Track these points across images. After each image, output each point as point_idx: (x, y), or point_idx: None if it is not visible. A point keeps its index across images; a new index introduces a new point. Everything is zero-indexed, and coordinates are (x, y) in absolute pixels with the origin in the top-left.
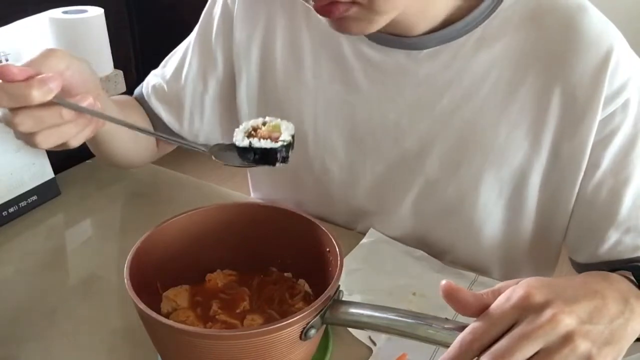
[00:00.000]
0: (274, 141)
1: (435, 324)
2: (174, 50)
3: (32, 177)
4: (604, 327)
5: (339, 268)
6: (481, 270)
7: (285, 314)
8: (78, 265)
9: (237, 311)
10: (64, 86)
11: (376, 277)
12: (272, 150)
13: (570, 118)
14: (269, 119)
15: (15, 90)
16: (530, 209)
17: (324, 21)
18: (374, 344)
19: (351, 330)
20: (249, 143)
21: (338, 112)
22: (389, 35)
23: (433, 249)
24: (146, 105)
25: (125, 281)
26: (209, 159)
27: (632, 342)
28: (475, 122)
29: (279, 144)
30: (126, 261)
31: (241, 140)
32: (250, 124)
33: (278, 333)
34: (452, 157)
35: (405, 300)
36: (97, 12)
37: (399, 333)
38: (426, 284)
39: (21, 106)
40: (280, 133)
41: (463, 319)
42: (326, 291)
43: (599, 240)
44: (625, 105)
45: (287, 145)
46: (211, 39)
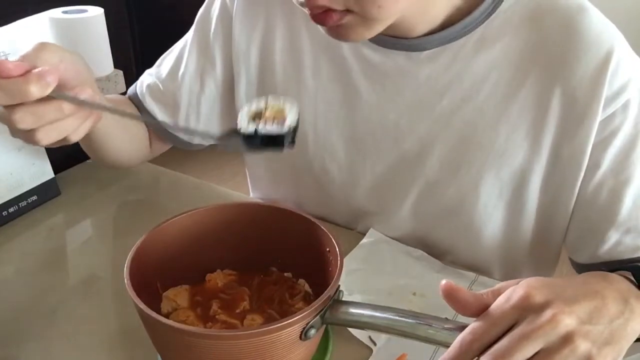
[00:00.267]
0: (279, 124)
1: (435, 324)
2: (169, 50)
3: (32, 177)
4: (603, 327)
5: (339, 268)
6: (481, 271)
7: (285, 314)
8: (78, 265)
9: (237, 311)
10: (59, 80)
11: (376, 277)
12: (279, 136)
13: (570, 119)
14: (271, 100)
15: (12, 86)
16: (530, 209)
17: (321, 28)
18: (374, 344)
19: (351, 330)
20: (255, 130)
21: (338, 113)
22: (388, 37)
23: (433, 249)
24: (141, 105)
25: (125, 281)
26: (209, 158)
27: (632, 342)
28: (475, 123)
29: (285, 129)
30: (126, 261)
31: (247, 127)
32: (253, 107)
33: (278, 333)
34: (452, 158)
35: (405, 300)
36: (97, 12)
37: (399, 333)
38: (426, 284)
39: (19, 103)
40: (285, 115)
41: (463, 319)
42: (326, 291)
43: (599, 240)
44: (626, 106)
45: (294, 128)
46: (209, 39)
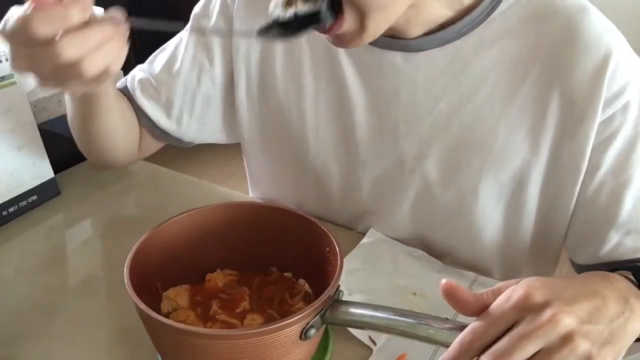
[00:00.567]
0: (312, 3)
1: (435, 324)
2: (161, 48)
3: (32, 177)
4: (603, 327)
5: (339, 268)
6: (481, 271)
7: (285, 314)
8: (78, 265)
9: (237, 311)
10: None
11: (376, 277)
12: (316, 13)
13: (569, 121)
14: None
15: (54, 14)
16: (530, 211)
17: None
18: (374, 343)
19: (351, 330)
20: (294, 13)
21: (338, 114)
22: (385, 38)
23: (433, 250)
24: (131, 98)
25: (125, 281)
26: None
27: (631, 342)
28: (474, 124)
29: (318, 2)
30: (126, 261)
31: (283, 12)
32: None
33: (278, 333)
34: (451, 160)
35: (405, 300)
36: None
37: (399, 333)
38: (426, 284)
39: (60, 30)
40: None
41: (463, 318)
42: (326, 291)
43: (599, 242)
44: (625, 108)
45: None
46: (207, 40)
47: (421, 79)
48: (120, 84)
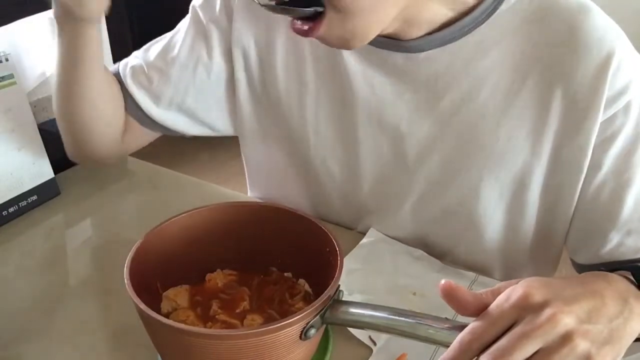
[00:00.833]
0: None
1: (435, 324)
2: (158, 37)
3: (32, 177)
4: (603, 327)
5: (339, 268)
6: (482, 271)
7: (285, 314)
8: (78, 265)
9: (237, 311)
10: None
11: (376, 277)
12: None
13: (571, 120)
14: None
15: None
16: (531, 211)
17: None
18: (374, 343)
19: (351, 330)
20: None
21: (339, 113)
22: (386, 39)
23: (433, 249)
24: (121, 84)
25: (125, 281)
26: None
27: (631, 342)
28: (475, 124)
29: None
30: (126, 261)
31: None
32: None
33: (278, 333)
34: (452, 160)
35: (405, 300)
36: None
37: (399, 333)
38: (426, 284)
39: None
40: None
41: (463, 318)
42: (326, 291)
43: (600, 242)
44: (627, 108)
45: None
46: (207, 27)
47: (423, 79)
48: (113, 69)
